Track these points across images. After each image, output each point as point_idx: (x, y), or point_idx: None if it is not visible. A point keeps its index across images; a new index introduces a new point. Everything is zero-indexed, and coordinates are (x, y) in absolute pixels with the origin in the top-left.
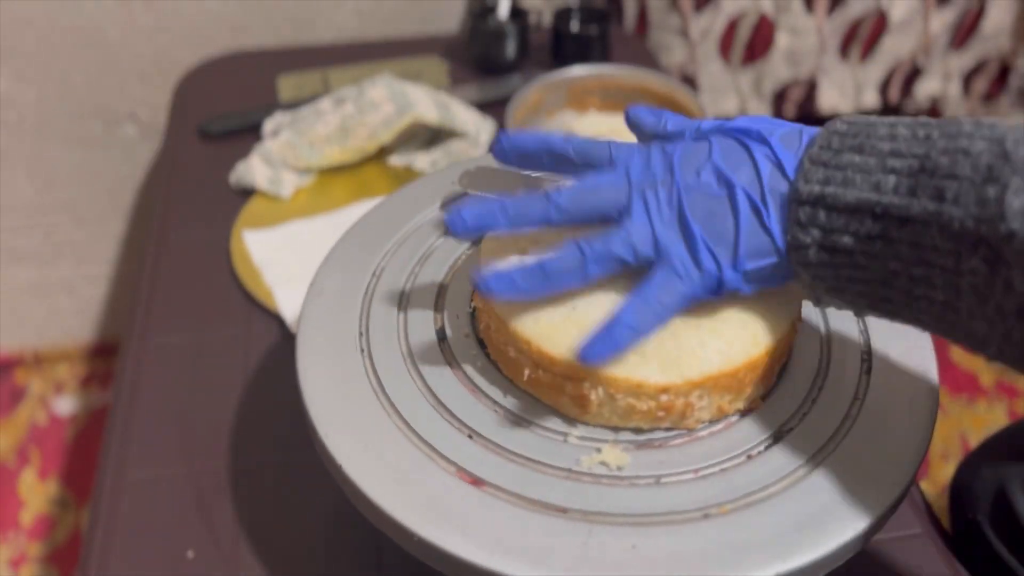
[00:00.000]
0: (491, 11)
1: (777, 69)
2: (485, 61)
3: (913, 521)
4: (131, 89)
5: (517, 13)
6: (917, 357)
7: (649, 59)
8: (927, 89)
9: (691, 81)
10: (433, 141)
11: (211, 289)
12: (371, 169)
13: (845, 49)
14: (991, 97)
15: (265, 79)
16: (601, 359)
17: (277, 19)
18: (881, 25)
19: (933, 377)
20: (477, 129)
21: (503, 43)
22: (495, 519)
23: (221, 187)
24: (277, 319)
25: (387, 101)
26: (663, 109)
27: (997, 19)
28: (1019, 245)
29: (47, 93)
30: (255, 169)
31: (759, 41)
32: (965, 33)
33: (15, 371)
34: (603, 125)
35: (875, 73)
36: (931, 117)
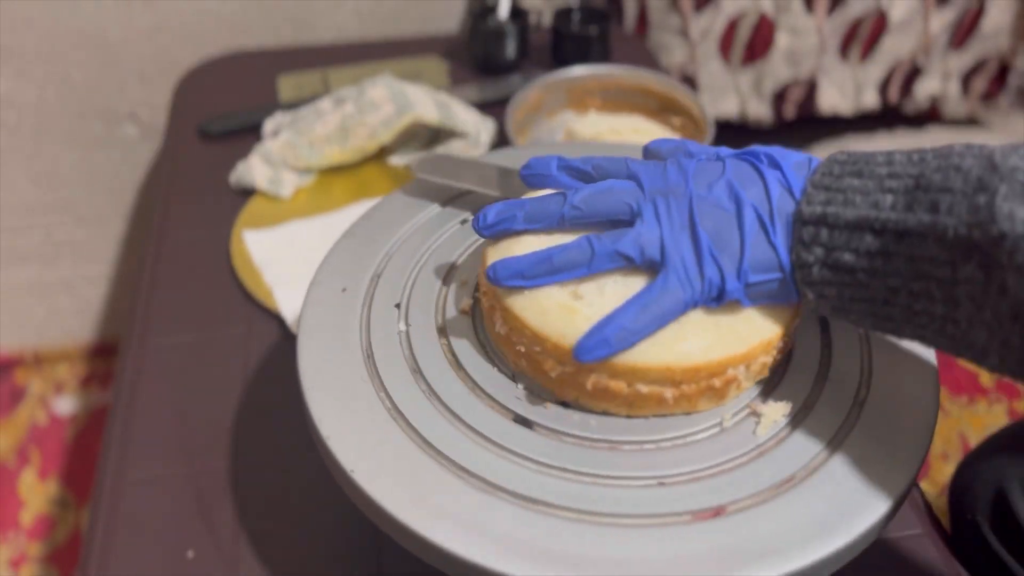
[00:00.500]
0: (491, 11)
1: (777, 69)
2: (485, 61)
3: (913, 521)
4: (131, 89)
5: (517, 13)
6: (917, 358)
7: (649, 59)
8: (927, 89)
9: (691, 81)
10: (433, 141)
11: (211, 289)
12: (371, 169)
13: (845, 49)
14: (990, 96)
15: (265, 79)
16: (595, 358)
17: (277, 19)
18: (881, 25)
19: (933, 377)
20: (477, 129)
21: (503, 43)
22: (497, 518)
23: (221, 187)
24: (277, 319)
25: (387, 101)
26: (684, 140)
27: (997, 19)
28: (1010, 246)
29: (47, 93)
30: (255, 169)
31: (759, 41)
32: (965, 33)
33: (15, 371)
34: (603, 125)
35: (875, 73)
36: (931, 116)
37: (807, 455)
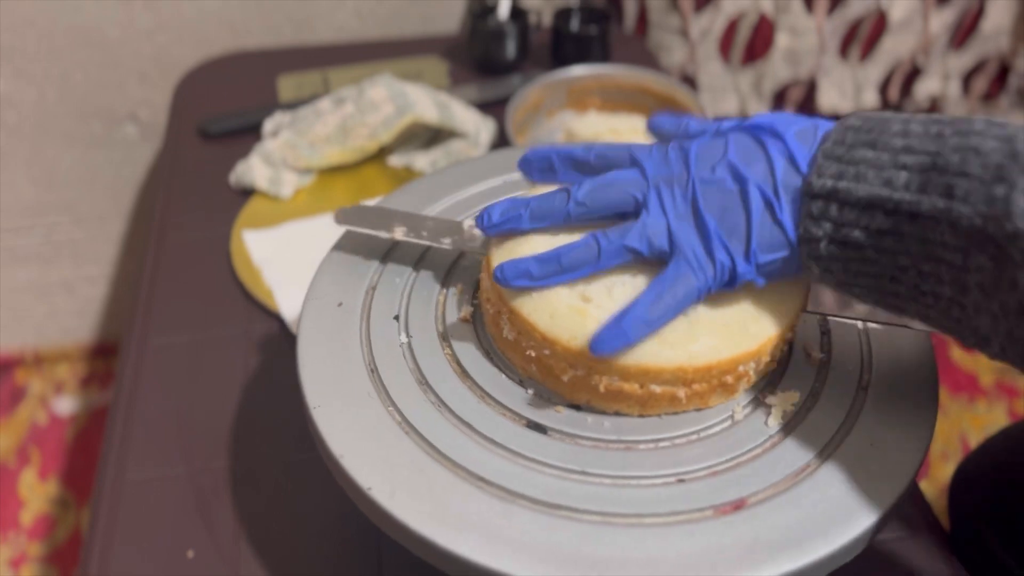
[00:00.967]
0: (491, 11)
1: (777, 69)
2: (485, 61)
3: (913, 521)
4: (131, 89)
5: (517, 13)
6: (917, 357)
7: (649, 59)
8: (927, 89)
9: (691, 81)
10: (433, 141)
11: (211, 289)
12: (371, 169)
13: (845, 49)
14: (990, 97)
15: (265, 79)
16: (612, 351)
17: (277, 19)
18: (881, 25)
19: (933, 377)
20: (477, 129)
21: (503, 43)
22: (520, 526)
23: (221, 187)
24: (277, 319)
25: (387, 101)
26: (685, 114)
27: (997, 19)
28: None
29: (47, 93)
30: (255, 169)
31: (759, 41)
32: (965, 33)
33: (15, 371)
34: (603, 125)
35: (875, 73)
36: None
37: (820, 442)
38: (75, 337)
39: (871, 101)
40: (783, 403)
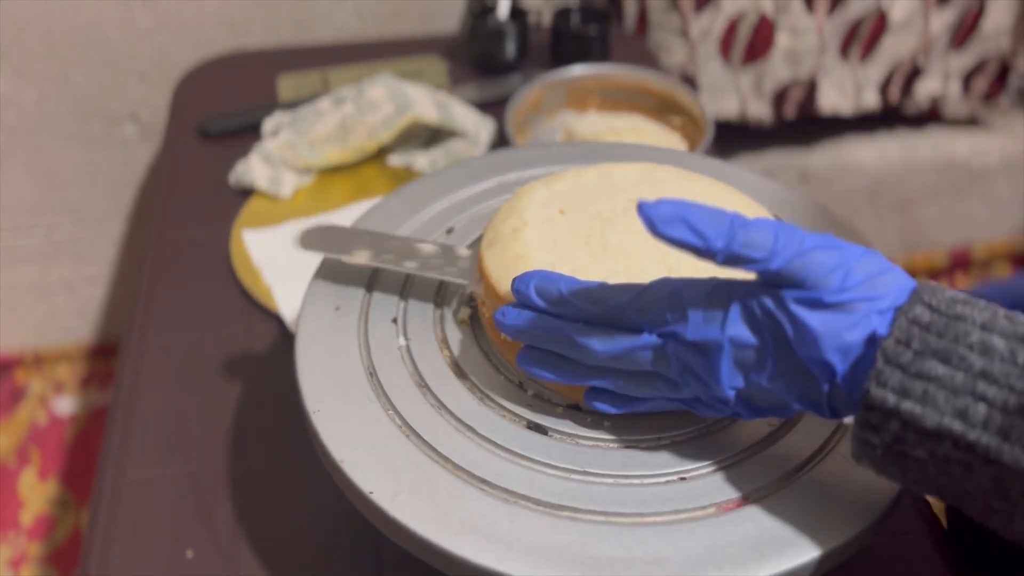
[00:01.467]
0: (491, 11)
1: (777, 69)
2: (485, 61)
3: (913, 521)
4: (131, 89)
5: (517, 13)
6: None
7: (649, 59)
8: (927, 89)
9: (691, 81)
10: (433, 141)
11: (211, 289)
12: (371, 169)
13: (845, 49)
14: (991, 97)
15: (265, 79)
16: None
17: (277, 19)
18: (881, 25)
19: None
20: (477, 129)
21: (503, 43)
22: (524, 528)
23: (221, 187)
24: (277, 319)
25: (387, 101)
26: (728, 216)
27: (997, 19)
28: None
29: (47, 93)
30: (255, 169)
31: (759, 41)
32: (965, 33)
33: (15, 371)
34: (603, 125)
35: (875, 73)
36: (931, 116)
37: (820, 437)
38: (75, 337)
39: (871, 101)
40: None
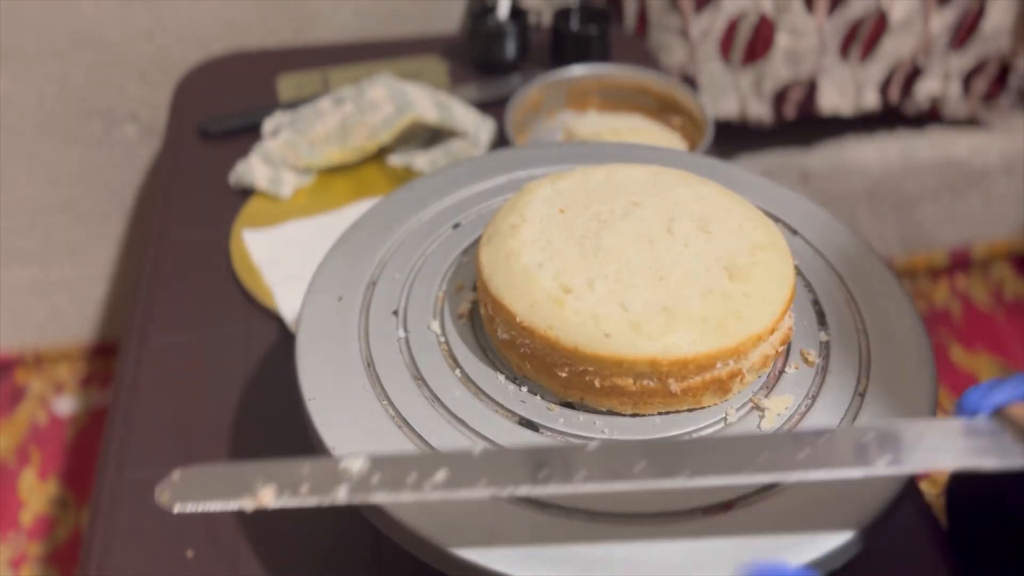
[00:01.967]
0: (491, 11)
1: (777, 69)
2: (485, 61)
3: (913, 521)
4: (131, 89)
5: (517, 13)
6: (916, 357)
7: (649, 59)
8: (927, 89)
9: (691, 81)
10: (433, 141)
11: (211, 289)
12: (371, 169)
13: (845, 49)
14: (991, 97)
15: (265, 79)
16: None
17: (277, 19)
18: (881, 25)
19: (933, 382)
20: (477, 129)
21: (503, 43)
22: (509, 524)
23: (221, 187)
24: (277, 319)
25: (387, 101)
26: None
27: (997, 19)
28: None
29: (47, 93)
30: (255, 169)
31: (759, 41)
32: (965, 33)
33: (15, 371)
34: (603, 125)
35: (875, 73)
36: (931, 116)
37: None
38: (75, 337)
39: (871, 101)
40: (777, 406)
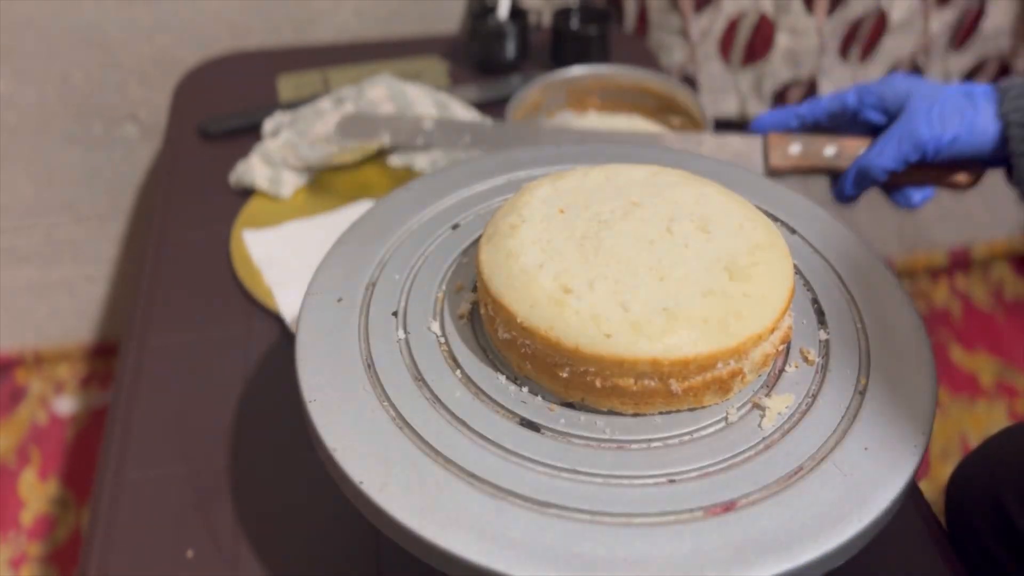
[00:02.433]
0: (491, 11)
1: (777, 69)
2: (485, 61)
3: (913, 521)
4: (131, 89)
5: (517, 13)
6: (917, 359)
7: (649, 59)
8: None
9: (691, 81)
10: None
11: (211, 289)
12: (371, 169)
13: (845, 49)
14: None
15: (265, 79)
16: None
17: (277, 19)
18: (881, 25)
19: (933, 379)
20: None
21: (503, 43)
22: (510, 524)
23: (221, 187)
24: (277, 319)
25: (387, 101)
26: None
27: (997, 19)
28: None
29: (47, 93)
30: (255, 169)
31: (759, 41)
32: (965, 33)
33: (15, 371)
34: (602, 125)
35: (875, 73)
36: None
37: (813, 446)
38: (75, 337)
39: None
40: (778, 405)
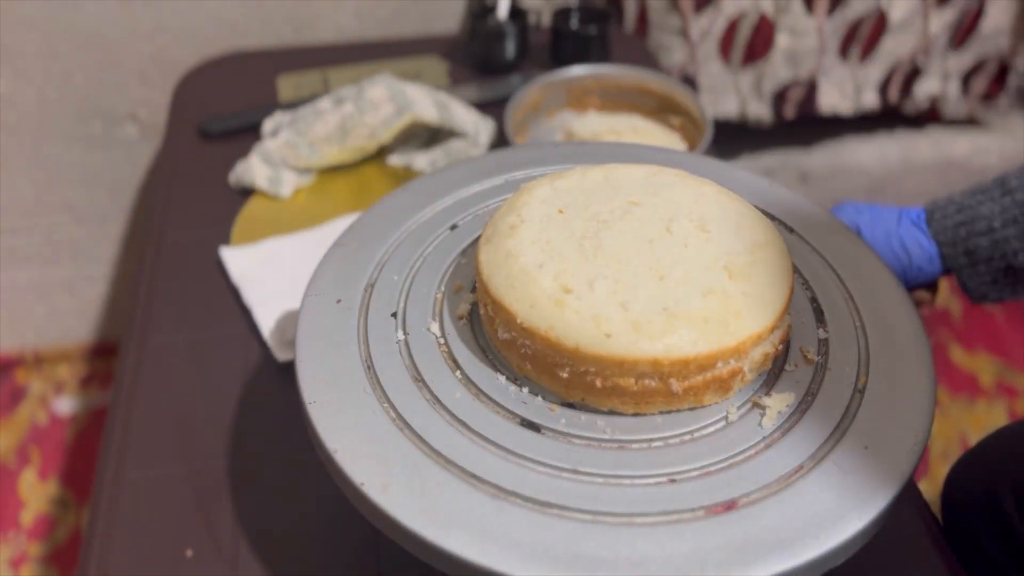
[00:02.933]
0: (491, 11)
1: (777, 69)
2: (485, 61)
3: (912, 521)
4: (131, 89)
5: (517, 13)
6: (915, 357)
7: (649, 59)
8: (926, 89)
9: (691, 81)
10: (432, 141)
11: (211, 289)
12: (370, 169)
13: (845, 49)
14: (990, 97)
15: (265, 79)
16: None
17: (277, 19)
18: (881, 25)
19: (931, 377)
20: (476, 129)
21: (503, 43)
22: (511, 524)
23: (221, 187)
24: None
25: (387, 101)
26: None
27: (996, 19)
28: None
29: (47, 93)
30: (255, 169)
31: (759, 41)
32: (964, 33)
33: (15, 371)
34: (602, 125)
35: (875, 73)
36: (931, 116)
37: (813, 444)
38: (75, 337)
39: (871, 101)
40: (778, 404)
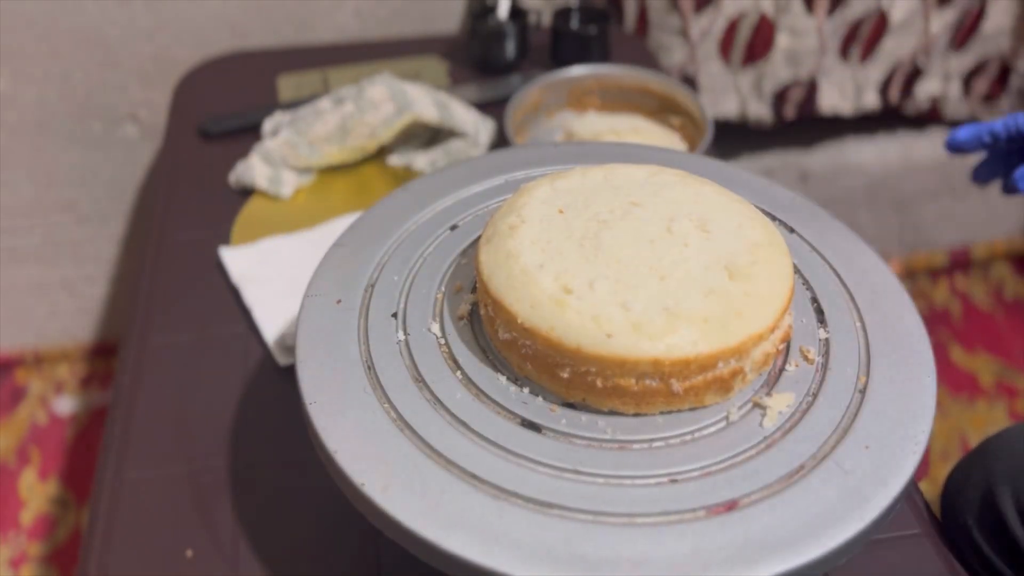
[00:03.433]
0: (491, 11)
1: (777, 70)
2: (485, 61)
3: (912, 521)
4: (131, 89)
5: (517, 13)
6: (916, 361)
7: (649, 59)
8: (927, 89)
9: (691, 81)
10: (432, 141)
11: (211, 289)
12: (370, 169)
13: (845, 50)
14: (991, 98)
15: (265, 79)
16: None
17: (277, 19)
18: (881, 26)
19: (932, 377)
20: (476, 129)
21: (503, 43)
22: (512, 524)
23: (221, 187)
24: None
25: (387, 100)
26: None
27: (997, 19)
28: None
29: (47, 93)
30: (255, 168)
31: (759, 41)
32: (965, 33)
33: (15, 371)
34: (603, 125)
35: (875, 74)
36: (931, 117)
37: (814, 444)
38: (75, 337)
39: (871, 102)
40: (778, 404)
